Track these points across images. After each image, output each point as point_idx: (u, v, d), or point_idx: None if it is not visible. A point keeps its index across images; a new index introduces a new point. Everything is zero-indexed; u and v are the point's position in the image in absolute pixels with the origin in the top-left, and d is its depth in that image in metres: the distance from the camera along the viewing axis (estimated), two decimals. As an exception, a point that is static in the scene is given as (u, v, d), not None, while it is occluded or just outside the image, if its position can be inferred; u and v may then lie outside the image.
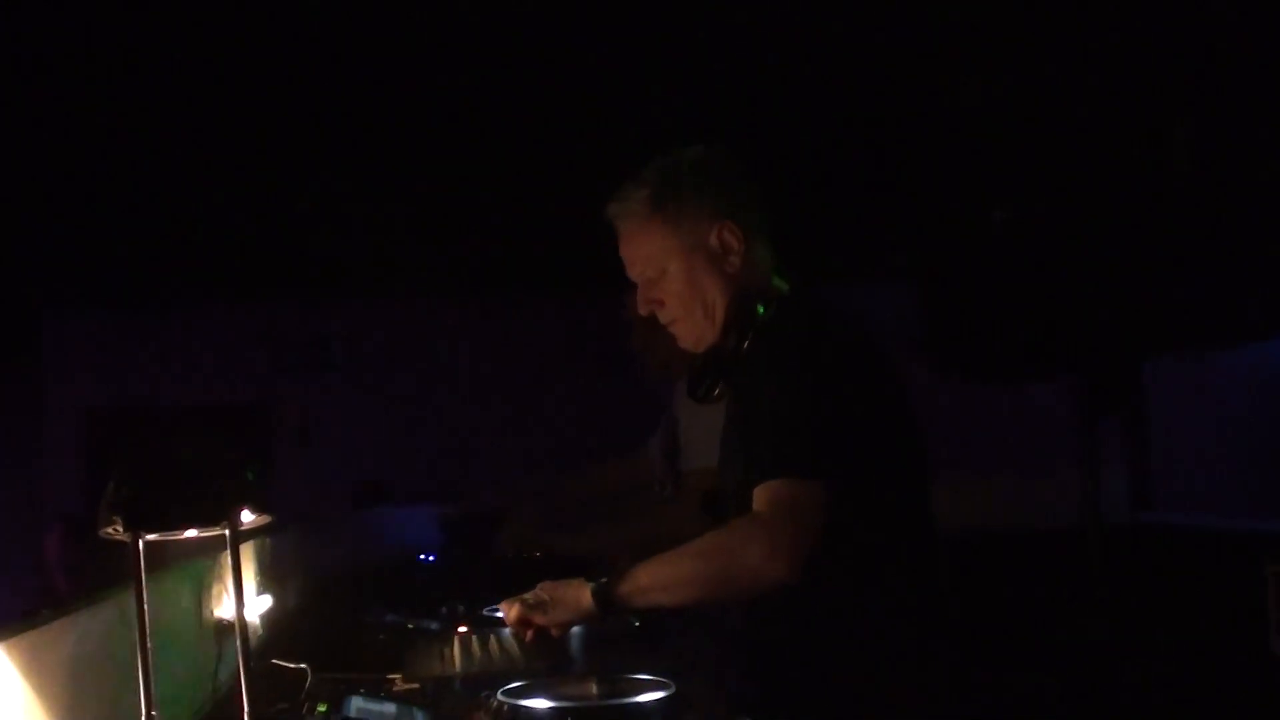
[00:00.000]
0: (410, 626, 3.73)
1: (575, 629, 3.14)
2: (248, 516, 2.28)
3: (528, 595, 2.94)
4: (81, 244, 8.94)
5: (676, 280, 3.07)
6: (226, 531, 2.26)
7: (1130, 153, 5.11)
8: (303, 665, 3.01)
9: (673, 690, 2.73)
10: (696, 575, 2.82)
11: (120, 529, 2.16)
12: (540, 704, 2.68)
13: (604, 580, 2.84)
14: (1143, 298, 5.18)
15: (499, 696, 2.72)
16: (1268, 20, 4.63)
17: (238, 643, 2.35)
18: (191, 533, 2.30)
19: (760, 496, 2.77)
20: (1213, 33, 4.81)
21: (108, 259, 9.53)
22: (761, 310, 3.00)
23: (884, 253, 9.33)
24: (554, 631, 2.95)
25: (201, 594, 3.06)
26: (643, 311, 3.19)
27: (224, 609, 3.13)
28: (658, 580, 2.84)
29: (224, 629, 3.08)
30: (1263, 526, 6.81)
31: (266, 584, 3.88)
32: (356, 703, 2.80)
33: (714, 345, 3.07)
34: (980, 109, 6.01)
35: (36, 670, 2.04)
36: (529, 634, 2.95)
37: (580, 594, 2.87)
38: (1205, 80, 4.84)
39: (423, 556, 5.41)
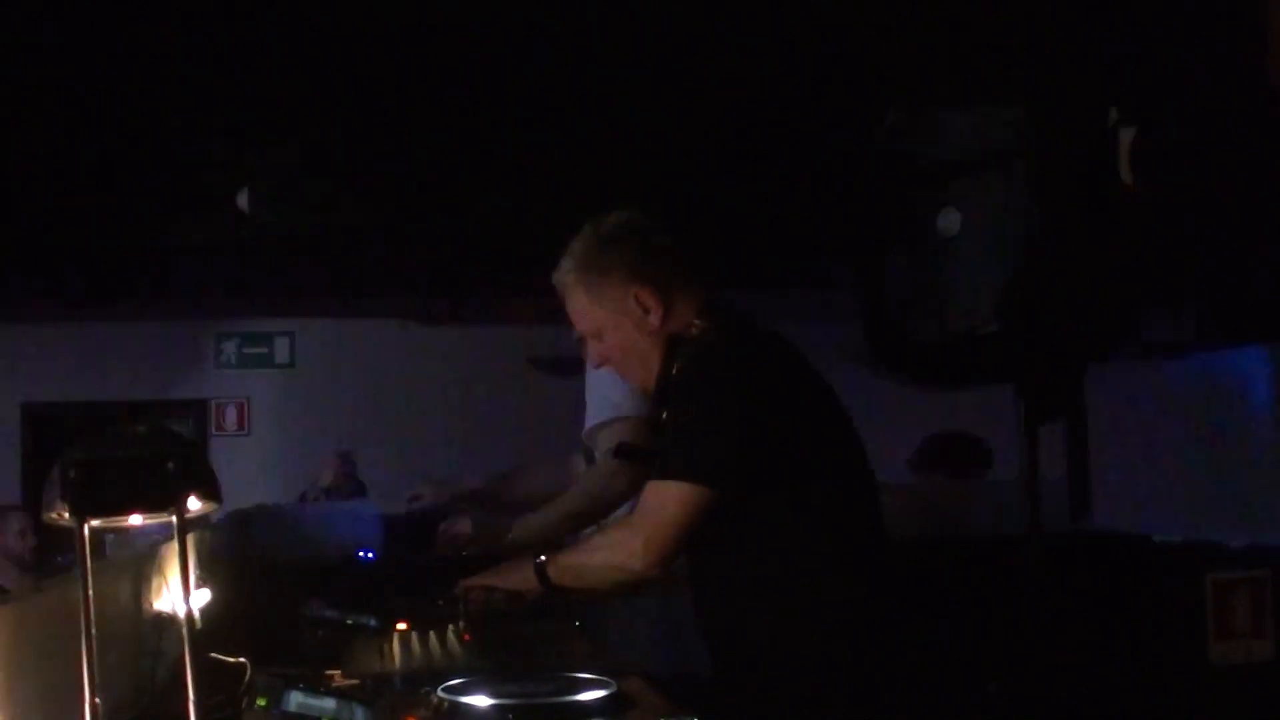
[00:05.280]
0: (349, 623, 3.73)
1: (517, 631, 3.41)
2: (195, 504, 2.27)
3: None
4: (20, 243, 8.86)
5: (611, 342, 3.50)
6: (174, 518, 2.24)
7: (1074, 159, 5.13)
8: (242, 659, 2.99)
9: (613, 689, 2.75)
10: (592, 566, 3.34)
11: (66, 514, 2.14)
12: (480, 701, 2.68)
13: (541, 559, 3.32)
14: (1086, 305, 5.19)
15: (439, 693, 2.73)
16: (1213, 26, 4.66)
17: (184, 633, 2.32)
18: (137, 519, 2.27)
19: (642, 496, 3.23)
20: (1159, 39, 4.84)
21: (48, 257, 9.46)
22: (687, 345, 3.36)
23: (826, 256, 9.35)
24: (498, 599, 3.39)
25: (141, 586, 3.04)
26: (593, 366, 3.67)
27: (163, 601, 3.11)
28: (569, 567, 3.36)
29: (163, 621, 3.06)
30: (1203, 536, 6.84)
31: (204, 577, 3.86)
32: (296, 697, 2.78)
33: (658, 383, 3.43)
34: (920, 116, 6.03)
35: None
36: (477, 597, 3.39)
37: (524, 562, 3.41)
38: (1151, 87, 4.87)
39: (362, 553, 5.39)
